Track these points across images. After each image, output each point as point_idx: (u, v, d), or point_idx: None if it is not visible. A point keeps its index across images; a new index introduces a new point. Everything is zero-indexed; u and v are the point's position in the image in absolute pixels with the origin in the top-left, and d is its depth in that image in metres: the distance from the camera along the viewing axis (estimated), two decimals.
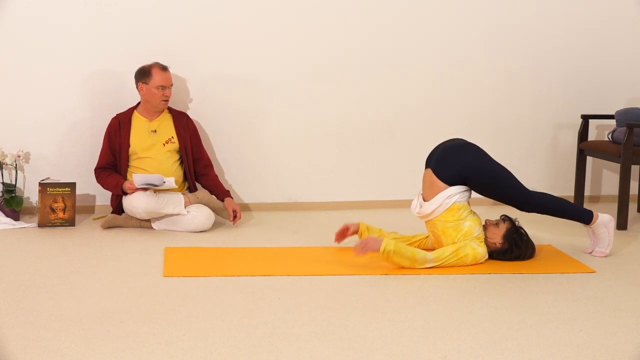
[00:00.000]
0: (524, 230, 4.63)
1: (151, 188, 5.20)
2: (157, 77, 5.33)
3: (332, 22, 5.90)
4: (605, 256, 4.69)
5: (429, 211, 4.53)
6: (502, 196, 4.61)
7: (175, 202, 5.24)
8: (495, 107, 6.20)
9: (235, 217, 5.35)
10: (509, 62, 6.17)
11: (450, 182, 4.50)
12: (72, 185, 5.34)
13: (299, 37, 5.88)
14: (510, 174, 4.59)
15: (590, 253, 4.75)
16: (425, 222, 4.65)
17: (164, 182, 5.17)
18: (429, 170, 4.58)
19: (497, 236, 4.56)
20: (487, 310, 3.72)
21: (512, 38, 6.14)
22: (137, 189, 5.18)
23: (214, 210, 5.36)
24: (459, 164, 4.51)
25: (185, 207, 5.26)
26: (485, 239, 4.55)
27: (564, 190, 6.27)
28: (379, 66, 6.00)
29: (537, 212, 4.67)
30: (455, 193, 4.48)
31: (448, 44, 6.06)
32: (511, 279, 4.25)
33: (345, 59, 5.96)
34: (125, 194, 5.27)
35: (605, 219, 4.69)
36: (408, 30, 5.99)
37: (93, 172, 5.46)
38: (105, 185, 5.40)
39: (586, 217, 4.68)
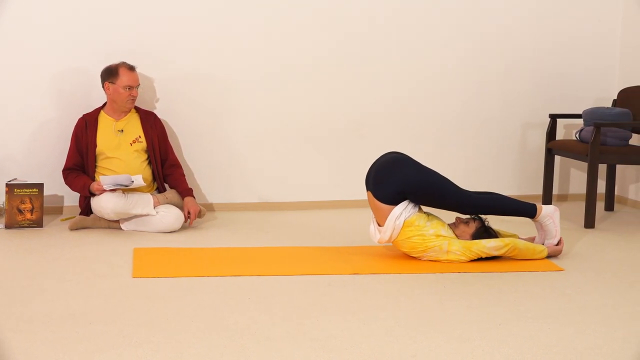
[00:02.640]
0: (493, 230, 4.65)
1: (120, 188, 5.16)
2: (124, 77, 5.29)
3: (304, 23, 5.90)
4: (557, 247, 4.65)
5: (387, 237, 4.52)
6: (443, 204, 4.57)
7: (144, 202, 5.21)
8: (464, 108, 6.23)
9: (190, 217, 5.30)
10: (479, 63, 6.20)
11: (391, 202, 4.46)
12: (40, 186, 5.29)
13: (269, 37, 5.87)
14: (446, 179, 4.55)
15: None
16: (392, 243, 4.63)
17: (132, 182, 5.13)
18: (369, 193, 4.56)
19: (467, 234, 4.57)
20: (457, 309, 3.74)
21: (482, 39, 6.18)
22: (105, 191, 5.14)
23: (182, 210, 5.33)
24: (394, 182, 4.46)
25: (154, 208, 5.23)
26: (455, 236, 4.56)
27: (533, 189, 6.32)
28: (350, 67, 6.01)
29: (481, 213, 4.61)
30: (400, 212, 4.45)
31: (418, 47, 6.08)
32: (481, 278, 4.27)
33: (316, 60, 5.96)
34: (93, 195, 5.23)
35: (549, 210, 4.67)
36: (379, 33, 6.01)
37: (61, 173, 5.42)
38: (73, 187, 5.35)
39: (530, 211, 4.67)
